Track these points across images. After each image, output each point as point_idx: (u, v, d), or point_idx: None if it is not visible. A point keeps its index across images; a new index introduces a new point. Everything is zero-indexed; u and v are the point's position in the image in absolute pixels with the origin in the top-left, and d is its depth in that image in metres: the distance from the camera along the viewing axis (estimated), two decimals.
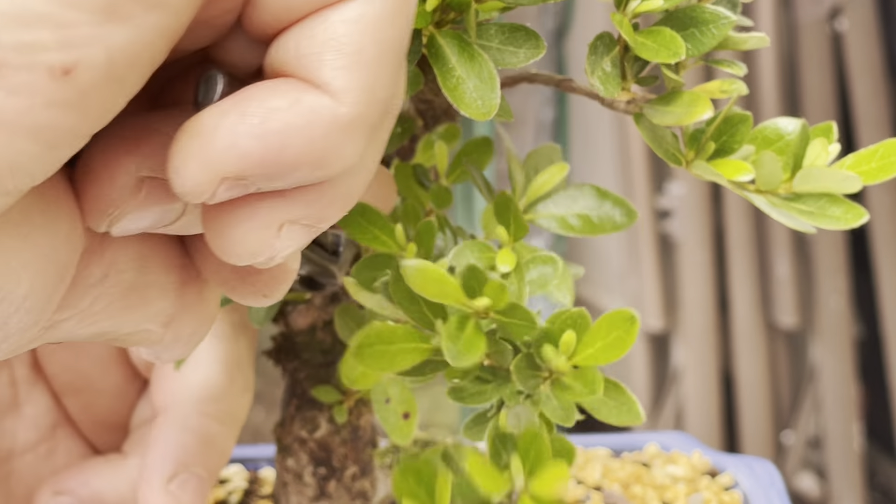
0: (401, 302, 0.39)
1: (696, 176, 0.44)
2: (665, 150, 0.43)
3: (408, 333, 0.39)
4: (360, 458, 0.64)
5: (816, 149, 0.43)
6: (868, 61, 1.75)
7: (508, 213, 0.43)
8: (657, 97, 0.43)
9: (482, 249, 0.42)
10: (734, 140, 0.44)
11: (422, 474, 0.37)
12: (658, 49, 0.40)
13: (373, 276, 0.42)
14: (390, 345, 0.39)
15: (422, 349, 0.39)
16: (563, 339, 0.38)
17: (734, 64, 0.43)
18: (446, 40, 0.39)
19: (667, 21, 0.42)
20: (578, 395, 0.38)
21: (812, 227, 0.44)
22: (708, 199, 1.83)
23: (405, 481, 0.37)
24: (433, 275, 0.37)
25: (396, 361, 0.39)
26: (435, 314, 0.39)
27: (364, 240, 0.43)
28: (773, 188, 0.44)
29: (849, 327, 1.81)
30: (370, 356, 0.39)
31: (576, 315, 0.39)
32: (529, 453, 0.37)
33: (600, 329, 0.38)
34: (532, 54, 0.40)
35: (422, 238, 0.43)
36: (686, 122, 0.41)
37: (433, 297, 0.38)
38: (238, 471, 0.80)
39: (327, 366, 0.62)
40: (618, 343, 0.38)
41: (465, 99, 0.38)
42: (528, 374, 0.39)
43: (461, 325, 0.37)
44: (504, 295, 0.37)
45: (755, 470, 0.78)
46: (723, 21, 0.40)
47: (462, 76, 0.39)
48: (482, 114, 0.38)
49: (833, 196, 0.43)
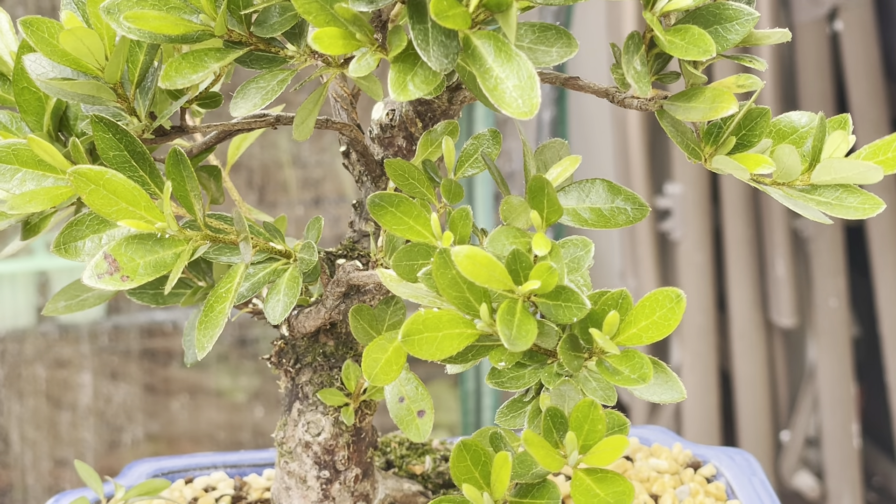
0: (445, 289, 0.40)
1: (716, 170, 0.45)
2: (686, 144, 0.43)
3: (453, 320, 0.40)
4: (362, 460, 0.64)
5: (836, 140, 0.43)
6: (866, 62, 1.75)
7: (542, 196, 0.43)
8: (678, 94, 0.44)
9: (517, 235, 0.42)
10: (753, 134, 0.45)
11: (477, 457, 0.37)
12: (687, 47, 0.41)
13: (411, 265, 0.43)
14: (437, 331, 0.40)
15: (466, 334, 0.40)
16: (606, 320, 0.38)
17: (755, 60, 0.43)
18: (482, 41, 0.39)
19: (691, 19, 0.42)
20: (627, 381, 0.39)
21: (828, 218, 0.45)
22: (706, 200, 1.83)
23: (461, 465, 0.38)
24: (483, 260, 0.38)
25: (443, 347, 0.40)
26: (478, 299, 0.40)
27: (399, 231, 0.43)
28: (791, 180, 0.44)
29: (846, 327, 1.82)
30: (419, 343, 0.39)
31: (617, 296, 0.39)
32: (584, 428, 0.38)
33: (644, 308, 0.39)
34: (564, 53, 0.41)
35: (456, 225, 0.44)
36: (711, 117, 0.41)
37: (483, 283, 0.39)
38: (221, 477, 0.80)
39: (330, 369, 0.62)
40: (662, 322, 0.38)
41: (506, 98, 0.39)
42: (572, 356, 0.39)
43: (510, 309, 0.38)
44: (553, 277, 0.38)
45: (736, 460, 0.79)
46: (746, 17, 0.41)
47: (500, 76, 0.39)
48: (524, 112, 0.39)
49: (849, 187, 0.44)
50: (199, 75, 0.43)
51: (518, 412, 0.43)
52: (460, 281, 0.39)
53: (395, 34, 0.39)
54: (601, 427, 0.39)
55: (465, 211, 0.44)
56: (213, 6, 0.44)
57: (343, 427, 0.62)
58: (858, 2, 1.74)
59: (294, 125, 0.52)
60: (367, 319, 0.55)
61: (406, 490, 0.70)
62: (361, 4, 0.39)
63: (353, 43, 0.40)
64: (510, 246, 0.41)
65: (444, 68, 0.39)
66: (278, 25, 0.44)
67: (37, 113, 0.53)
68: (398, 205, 0.43)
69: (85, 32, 0.47)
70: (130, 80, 0.51)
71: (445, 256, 0.39)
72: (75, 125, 0.54)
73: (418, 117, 0.58)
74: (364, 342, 0.55)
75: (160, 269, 0.45)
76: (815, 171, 0.44)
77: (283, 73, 0.47)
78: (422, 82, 0.39)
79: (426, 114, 0.58)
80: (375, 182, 0.60)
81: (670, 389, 0.40)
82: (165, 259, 0.46)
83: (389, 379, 0.50)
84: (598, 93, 0.53)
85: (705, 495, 0.75)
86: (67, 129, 0.54)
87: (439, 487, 0.74)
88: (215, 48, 0.45)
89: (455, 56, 0.39)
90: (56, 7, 1.52)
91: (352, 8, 0.39)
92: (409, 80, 0.39)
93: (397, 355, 0.50)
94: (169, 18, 0.43)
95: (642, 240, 1.86)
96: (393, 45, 0.39)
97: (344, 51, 0.40)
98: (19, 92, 0.53)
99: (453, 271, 0.39)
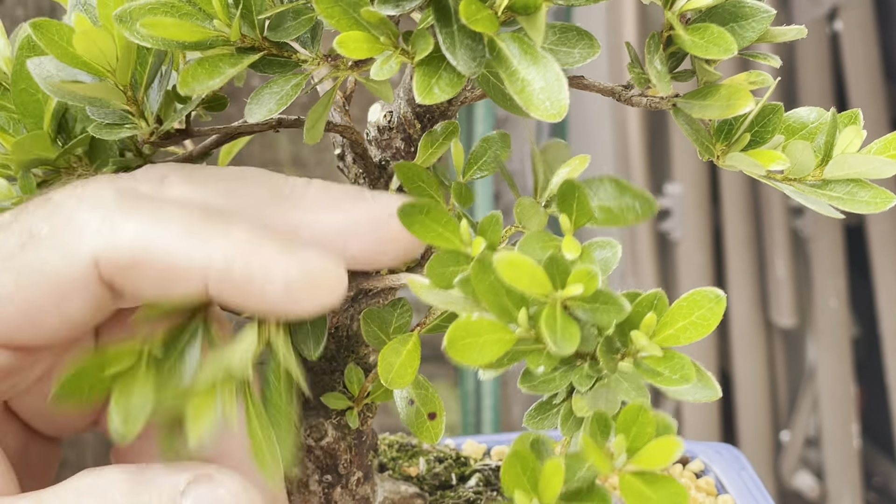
0: (483, 294, 0.40)
1: (728, 167, 0.45)
2: (700, 142, 0.43)
3: (492, 326, 0.40)
4: (363, 462, 0.64)
5: (849, 136, 0.43)
6: (866, 62, 1.75)
7: (573, 199, 0.43)
8: (693, 92, 0.44)
9: (545, 239, 0.42)
10: (766, 130, 0.45)
11: (525, 465, 0.37)
12: (708, 46, 0.41)
13: (444, 272, 0.43)
14: (478, 337, 0.40)
15: (505, 340, 0.40)
16: (644, 322, 0.38)
17: (769, 57, 0.43)
18: (506, 43, 0.39)
19: (707, 17, 0.42)
20: (669, 382, 0.39)
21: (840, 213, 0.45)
22: (706, 200, 1.83)
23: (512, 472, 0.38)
24: (525, 266, 0.38)
25: (484, 353, 0.40)
26: (516, 305, 0.40)
27: (428, 238, 0.43)
28: (804, 176, 0.45)
29: (846, 327, 1.82)
30: (462, 349, 0.39)
31: (652, 297, 0.40)
32: (631, 430, 0.38)
33: (681, 309, 0.39)
34: (587, 54, 0.41)
35: (486, 231, 0.44)
36: (728, 114, 0.41)
37: (524, 288, 0.39)
38: None
39: (332, 373, 0.62)
40: (701, 322, 0.39)
41: (533, 101, 0.39)
42: (610, 358, 0.39)
43: (552, 313, 0.38)
44: (595, 281, 0.38)
45: (724, 455, 0.79)
46: (763, 15, 0.41)
47: (527, 78, 0.39)
48: (552, 115, 0.38)
49: (860, 182, 0.44)
50: (217, 81, 0.43)
51: (546, 415, 0.44)
52: (498, 286, 0.40)
53: (421, 38, 0.39)
54: (650, 430, 0.39)
55: (495, 217, 0.44)
56: (226, 12, 0.44)
57: (345, 430, 0.62)
58: (858, 2, 1.74)
59: (305, 129, 0.51)
60: (378, 323, 0.55)
61: (403, 492, 0.70)
62: (388, 8, 0.39)
63: (377, 46, 0.40)
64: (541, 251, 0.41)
65: (473, 71, 0.39)
66: (293, 29, 0.44)
67: (36, 115, 0.53)
68: (428, 212, 0.43)
69: (98, 34, 0.46)
70: (139, 82, 0.50)
71: (484, 262, 0.39)
72: (74, 127, 0.54)
73: (417, 119, 0.58)
74: (375, 346, 0.55)
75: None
76: (827, 167, 0.44)
77: (297, 78, 0.46)
78: (447, 85, 0.39)
79: (425, 115, 0.58)
80: (373, 185, 0.60)
81: (705, 388, 0.40)
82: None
83: (405, 382, 0.50)
84: (604, 91, 0.53)
85: (696, 490, 0.75)
86: (66, 132, 0.54)
87: (435, 489, 0.74)
88: (229, 54, 0.44)
89: (482, 59, 0.39)
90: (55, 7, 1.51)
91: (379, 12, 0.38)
92: (434, 84, 0.39)
93: (411, 358, 0.50)
94: (185, 26, 0.43)
95: (642, 239, 1.86)
96: (419, 48, 0.39)
97: (368, 54, 0.40)
98: (18, 93, 0.53)
99: (492, 277, 0.40)
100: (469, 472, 0.76)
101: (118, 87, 0.49)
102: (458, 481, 0.75)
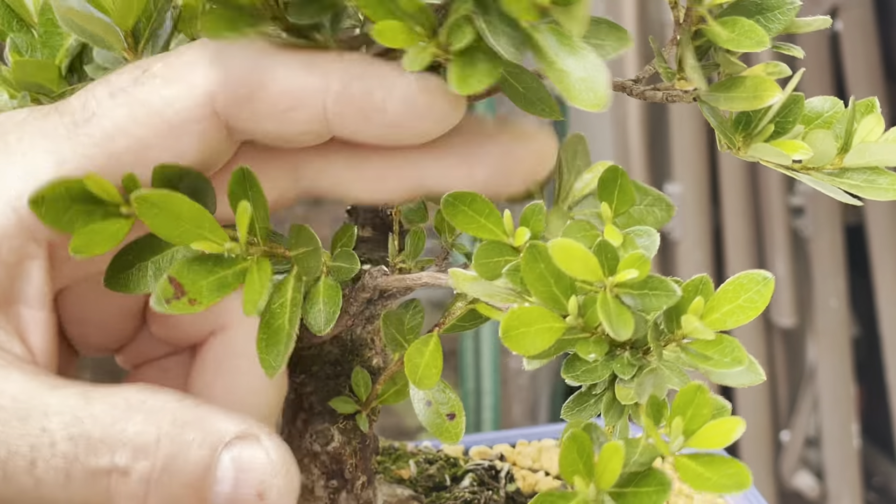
0: (532, 283, 0.40)
1: (751, 158, 0.45)
2: (724, 134, 0.43)
3: (542, 315, 0.40)
4: (367, 466, 0.64)
5: (870, 124, 0.44)
6: (866, 62, 1.76)
7: (614, 187, 0.43)
8: (717, 83, 0.44)
9: (585, 228, 0.43)
10: (787, 121, 0.45)
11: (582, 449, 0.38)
12: (739, 39, 0.41)
13: (489, 263, 0.43)
14: (530, 326, 0.40)
15: (555, 328, 0.40)
16: (692, 306, 0.39)
17: (792, 48, 0.43)
18: (542, 34, 0.39)
19: (733, 10, 0.42)
20: (720, 365, 0.39)
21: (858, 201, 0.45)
22: (706, 199, 1.84)
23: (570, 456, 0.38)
24: (577, 252, 0.38)
25: (537, 342, 0.40)
26: (565, 293, 0.40)
27: (470, 229, 0.43)
28: (823, 165, 0.45)
29: (846, 327, 1.82)
30: (516, 338, 0.40)
31: (698, 282, 0.40)
32: (687, 412, 0.38)
33: (727, 293, 0.39)
34: (618, 46, 0.41)
35: (528, 220, 0.44)
36: (755, 106, 0.41)
37: (577, 275, 0.39)
38: None
39: (336, 377, 0.62)
40: (749, 305, 0.39)
41: (573, 91, 0.38)
42: (657, 344, 0.39)
43: (605, 300, 0.38)
44: (647, 266, 0.38)
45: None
46: (789, 6, 0.41)
47: (565, 69, 0.38)
48: (594, 104, 0.38)
49: (878, 169, 0.45)
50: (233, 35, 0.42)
51: (584, 405, 0.44)
52: (548, 275, 0.40)
53: (460, 27, 0.39)
54: (706, 411, 0.39)
55: (538, 206, 0.44)
56: None
57: (351, 435, 0.62)
58: (858, 1, 1.75)
59: None
60: (395, 325, 0.54)
61: (399, 495, 0.70)
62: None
63: (413, 36, 0.39)
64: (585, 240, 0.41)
65: (515, 58, 0.39)
66: (314, 12, 0.43)
67: (54, 47, 0.53)
68: (471, 203, 0.43)
69: None
70: (141, 33, 0.49)
71: (535, 251, 0.39)
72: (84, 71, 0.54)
73: None
74: (392, 348, 0.54)
75: (223, 289, 0.44)
76: (847, 155, 0.45)
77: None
78: (483, 75, 0.39)
79: None
80: None
81: (749, 372, 0.40)
82: (227, 278, 0.44)
83: (432, 382, 0.50)
84: (615, 86, 0.53)
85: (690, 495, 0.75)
86: (79, 74, 0.54)
87: (430, 490, 0.74)
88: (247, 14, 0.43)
89: (522, 46, 0.39)
90: None
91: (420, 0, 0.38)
92: (470, 74, 0.39)
93: (434, 358, 0.50)
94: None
95: None
96: (457, 38, 0.39)
97: (405, 44, 0.39)
98: (43, 22, 0.53)
99: (541, 266, 0.40)
100: (461, 472, 0.76)
101: (118, 29, 0.48)
102: (452, 482, 0.75)
